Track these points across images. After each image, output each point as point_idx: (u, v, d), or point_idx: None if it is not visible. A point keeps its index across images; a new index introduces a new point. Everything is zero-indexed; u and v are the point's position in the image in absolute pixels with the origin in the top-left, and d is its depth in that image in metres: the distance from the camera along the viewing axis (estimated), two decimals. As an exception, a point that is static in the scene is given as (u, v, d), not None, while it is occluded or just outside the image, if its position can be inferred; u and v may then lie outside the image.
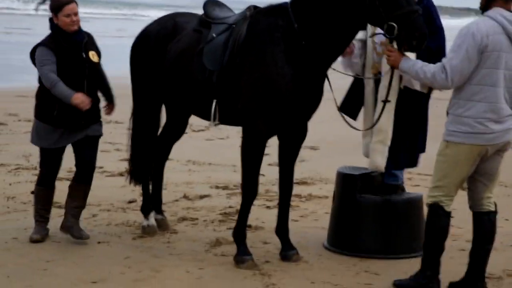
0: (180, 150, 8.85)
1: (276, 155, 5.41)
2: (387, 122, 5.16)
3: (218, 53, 5.05)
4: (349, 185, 5.45)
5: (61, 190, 5.81)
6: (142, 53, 5.50)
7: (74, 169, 5.61)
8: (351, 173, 5.47)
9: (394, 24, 4.41)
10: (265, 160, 5.35)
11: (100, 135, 5.52)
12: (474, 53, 4.24)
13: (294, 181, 7.58)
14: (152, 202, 5.86)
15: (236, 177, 7.62)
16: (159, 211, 5.91)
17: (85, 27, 5.52)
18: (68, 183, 5.77)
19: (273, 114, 4.91)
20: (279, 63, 4.85)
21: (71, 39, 5.26)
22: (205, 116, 5.25)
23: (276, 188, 7.21)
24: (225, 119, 5.17)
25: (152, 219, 5.77)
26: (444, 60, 4.36)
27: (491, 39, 4.23)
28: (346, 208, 5.45)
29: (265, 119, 4.92)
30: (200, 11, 5.46)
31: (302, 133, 5.22)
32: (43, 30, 5.80)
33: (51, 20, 5.30)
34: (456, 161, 4.39)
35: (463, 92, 4.35)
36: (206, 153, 9.07)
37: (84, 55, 5.28)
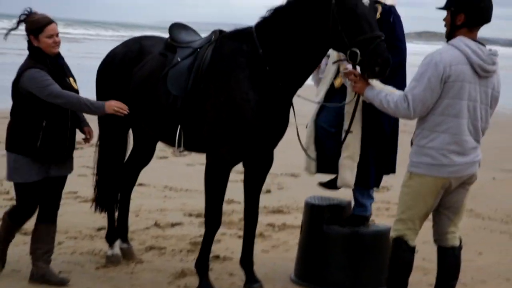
0: (158, 175, 8.81)
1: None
2: (355, 137, 5.08)
3: (183, 78, 4.97)
4: (317, 216, 5.33)
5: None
6: (107, 76, 5.41)
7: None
8: (319, 204, 5.35)
9: (357, 50, 4.33)
10: (241, 187, 5.23)
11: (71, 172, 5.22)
12: (436, 83, 4.14)
13: (270, 209, 7.62)
14: (118, 230, 5.73)
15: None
16: (125, 240, 5.78)
17: (79, 48, 5.38)
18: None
19: (238, 141, 4.81)
20: (244, 88, 4.76)
21: (55, 63, 4.97)
22: (171, 142, 5.14)
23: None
24: (191, 146, 5.07)
25: (117, 248, 5.64)
26: (406, 89, 4.26)
27: (454, 69, 4.14)
28: (313, 240, 5.33)
29: (230, 145, 4.82)
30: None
31: (268, 161, 5.12)
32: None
33: (29, 43, 4.96)
34: (419, 193, 4.28)
35: (426, 122, 4.25)
36: (184, 178, 8.95)
37: (67, 81, 5.02)
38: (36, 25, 4.90)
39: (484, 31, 4.47)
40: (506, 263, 6.09)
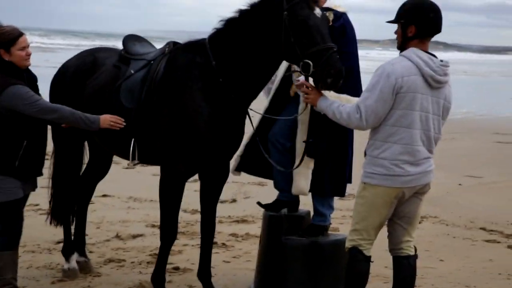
0: (123, 186, 8.72)
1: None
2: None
3: (136, 90, 4.90)
4: (275, 226, 5.28)
5: None
6: (60, 89, 5.33)
7: None
8: (277, 214, 5.30)
9: (310, 62, 4.30)
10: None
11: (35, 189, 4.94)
12: (388, 93, 4.12)
13: (234, 219, 7.57)
14: (74, 243, 5.64)
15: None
16: (82, 253, 5.69)
17: (56, 58, 5.20)
18: None
19: (192, 153, 4.75)
20: (197, 100, 4.71)
21: (28, 77, 4.70)
22: (125, 155, 5.06)
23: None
24: (145, 158, 5.01)
25: (73, 262, 5.56)
26: (358, 100, 4.24)
27: (406, 80, 4.12)
28: (272, 251, 5.27)
29: (184, 158, 4.76)
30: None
31: (223, 172, 5.07)
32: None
33: None
34: (373, 204, 4.25)
35: (379, 133, 4.23)
36: (149, 189, 8.82)
37: (39, 95, 4.74)
38: (7, 38, 4.59)
39: (458, 38, 4.46)
40: (466, 270, 6.10)
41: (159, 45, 5.35)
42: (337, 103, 4.32)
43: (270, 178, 5.48)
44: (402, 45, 4.28)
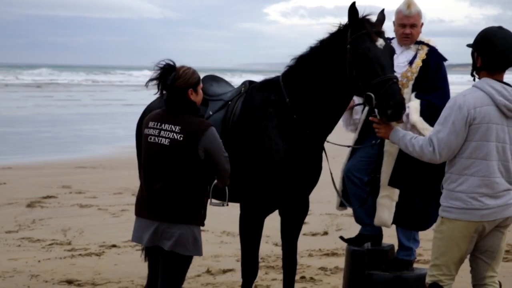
0: (216, 220, 8.84)
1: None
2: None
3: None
4: (358, 261, 5.23)
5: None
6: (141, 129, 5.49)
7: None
8: (359, 249, 5.25)
9: (371, 94, 4.27)
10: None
11: None
12: (461, 126, 4.03)
13: (324, 252, 7.52)
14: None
15: (267, 249, 7.50)
16: None
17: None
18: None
19: (270, 190, 4.79)
20: (273, 138, 4.77)
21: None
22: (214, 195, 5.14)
23: (303, 261, 7.07)
24: (218, 197, 5.06)
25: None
26: (431, 133, 4.17)
27: (478, 111, 4.02)
28: (355, 286, 5.22)
29: (262, 195, 4.81)
30: None
31: (303, 208, 5.08)
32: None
33: (183, 97, 4.42)
34: (452, 238, 4.15)
35: (454, 166, 4.14)
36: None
37: None
38: (196, 77, 4.45)
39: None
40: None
41: (262, 77, 5.43)
42: (409, 136, 4.26)
43: None
44: (472, 73, 4.19)
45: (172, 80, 4.40)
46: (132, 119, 20.10)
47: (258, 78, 5.67)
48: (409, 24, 5.15)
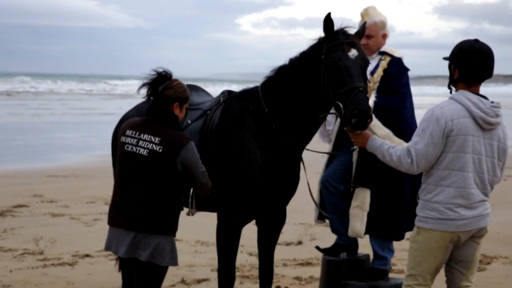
0: (190, 229, 8.77)
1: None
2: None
3: (194, 140, 4.96)
4: (334, 270, 5.23)
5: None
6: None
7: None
8: (335, 259, 5.25)
9: (340, 104, 4.27)
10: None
11: None
12: (438, 137, 4.06)
13: (299, 262, 7.51)
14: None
15: (242, 258, 7.46)
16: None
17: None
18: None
19: (248, 201, 4.77)
20: (251, 148, 4.75)
21: None
22: (184, 203, 5.11)
23: (278, 270, 7.04)
24: (202, 206, 5.04)
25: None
26: (409, 144, 4.20)
27: (455, 123, 4.06)
28: (330, 295, 5.20)
29: (240, 205, 4.78)
30: None
31: (280, 218, 5.06)
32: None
33: (167, 110, 4.42)
34: (428, 248, 4.17)
35: (431, 177, 4.17)
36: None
37: None
38: (186, 95, 4.47)
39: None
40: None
41: (236, 88, 5.43)
42: (387, 145, 4.28)
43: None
44: (449, 85, 4.23)
45: (163, 88, 4.39)
46: (105, 128, 20.03)
47: (232, 88, 5.65)
48: (365, 35, 5.14)
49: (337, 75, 4.36)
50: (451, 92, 4.26)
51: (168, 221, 4.37)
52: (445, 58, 4.29)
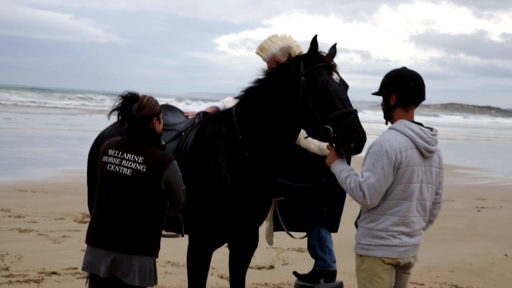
0: (161, 250, 8.77)
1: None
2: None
3: None
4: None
5: None
6: (95, 156, 5.47)
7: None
8: (308, 285, 5.36)
9: (329, 127, 4.35)
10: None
11: None
12: (389, 171, 4.31)
13: (271, 286, 7.58)
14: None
15: (213, 281, 7.48)
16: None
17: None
18: None
19: (218, 224, 4.85)
20: (222, 171, 4.83)
21: None
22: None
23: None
24: (172, 227, 5.08)
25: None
26: (360, 179, 4.37)
27: (404, 155, 4.34)
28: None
29: (210, 229, 4.86)
30: None
31: (252, 241, 5.16)
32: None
33: (147, 127, 4.45)
34: (375, 273, 4.43)
35: (378, 207, 4.41)
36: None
37: None
38: (159, 106, 4.56)
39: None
40: None
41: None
42: (346, 173, 4.44)
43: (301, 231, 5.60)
44: (386, 115, 4.41)
45: (138, 110, 4.50)
46: (76, 144, 19.87)
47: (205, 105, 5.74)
48: (269, 68, 5.20)
49: (326, 98, 4.51)
50: (386, 123, 4.40)
51: (151, 241, 4.51)
52: (375, 93, 4.45)
